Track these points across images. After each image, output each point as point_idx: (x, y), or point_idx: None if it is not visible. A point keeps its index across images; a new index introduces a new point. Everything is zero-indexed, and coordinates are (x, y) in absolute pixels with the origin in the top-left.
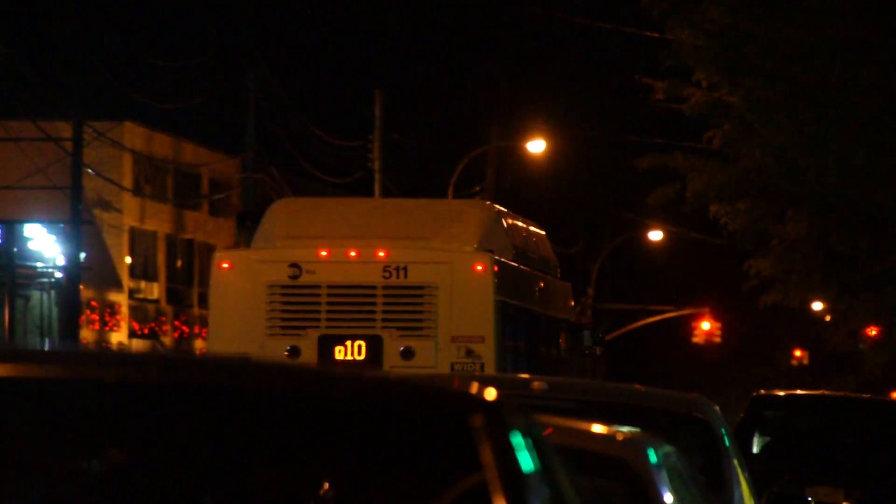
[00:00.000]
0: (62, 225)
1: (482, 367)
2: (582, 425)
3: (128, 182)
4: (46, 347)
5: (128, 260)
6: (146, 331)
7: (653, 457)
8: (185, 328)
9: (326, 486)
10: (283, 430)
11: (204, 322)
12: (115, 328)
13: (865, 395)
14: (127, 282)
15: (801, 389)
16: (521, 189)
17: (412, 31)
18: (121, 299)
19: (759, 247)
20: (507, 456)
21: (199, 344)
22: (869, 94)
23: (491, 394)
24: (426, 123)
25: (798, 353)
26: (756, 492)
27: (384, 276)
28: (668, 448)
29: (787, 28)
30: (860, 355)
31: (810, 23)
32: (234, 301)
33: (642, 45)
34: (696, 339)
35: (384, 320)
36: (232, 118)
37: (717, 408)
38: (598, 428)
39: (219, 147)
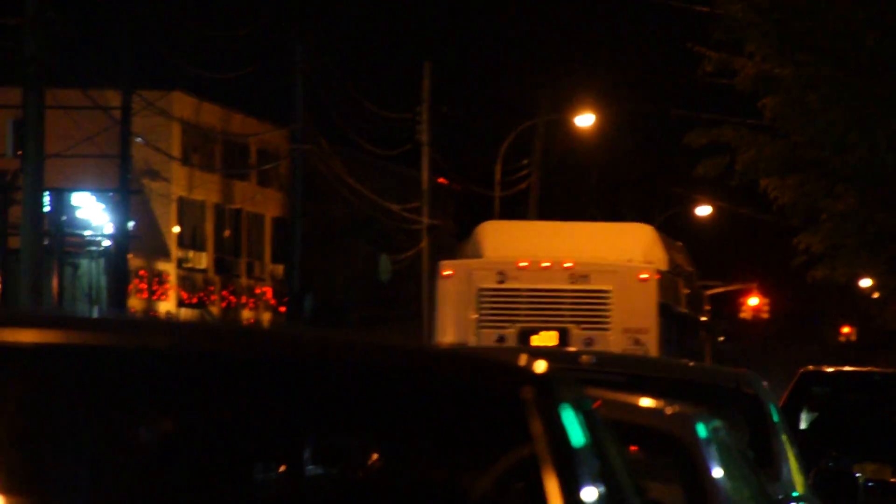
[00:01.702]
0: (111, 193)
1: (646, 352)
2: (630, 399)
3: (176, 151)
4: (95, 315)
5: (176, 229)
6: (194, 300)
7: (702, 431)
8: (232, 298)
9: (376, 457)
10: (335, 401)
11: (251, 292)
12: (162, 297)
13: None
14: (175, 251)
15: (849, 366)
16: (569, 163)
17: (462, 2)
18: (169, 268)
19: (807, 222)
20: (556, 429)
21: (245, 314)
22: None
23: (541, 366)
24: (475, 96)
25: (846, 329)
26: (804, 467)
27: (570, 282)
28: (716, 423)
29: (837, 3)
30: None
31: None
32: (454, 300)
33: (692, 19)
34: (743, 315)
35: (570, 316)
36: (280, 89)
37: (766, 383)
38: (646, 402)
39: (267, 117)
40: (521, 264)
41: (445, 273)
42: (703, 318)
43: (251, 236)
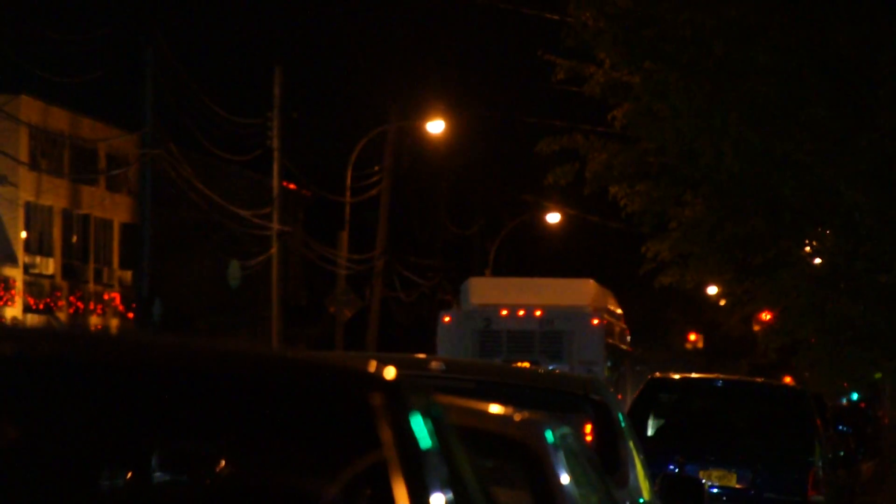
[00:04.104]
0: None
1: (597, 379)
2: (479, 406)
3: (24, 156)
4: None
5: (23, 235)
6: (41, 306)
7: (550, 437)
8: (80, 304)
9: (223, 463)
10: (182, 407)
11: (99, 298)
12: (9, 303)
13: (758, 379)
14: (22, 257)
15: (696, 373)
16: (421, 169)
17: (312, 7)
18: (15, 274)
19: (657, 230)
20: (406, 435)
21: (93, 320)
22: (765, 77)
23: (390, 373)
24: (326, 102)
25: (693, 336)
26: (650, 474)
27: (540, 326)
28: (564, 429)
29: (685, 10)
30: (754, 340)
31: (709, 5)
32: (451, 341)
33: (543, 27)
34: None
35: (539, 351)
36: (130, 93)
37: (613, 389)
38: (495, 408)
39: (116, 122)
40: (503, 312)
41: (445, 319)
42: (627, 349)
43: (100, 242)
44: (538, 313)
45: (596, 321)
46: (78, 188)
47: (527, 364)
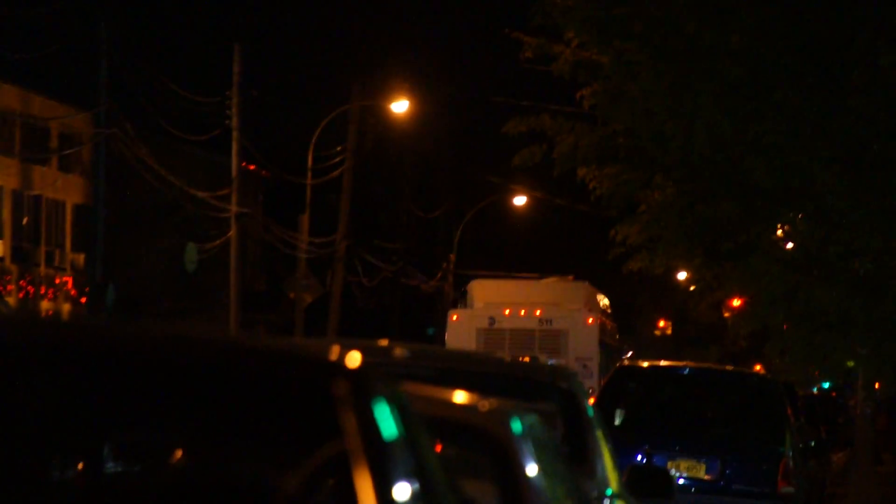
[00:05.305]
0: None
1: (592, 373)
2: (445, 394)
3: None
4: None
5: None
6: None
7: (516, 427)
8: (30, 288)
9: (180, 453)
10: (133, 395)
11: (51, 282)
12: None
13: (728, 367)
14: None
15: (665, 360)
16: (385, 150)
17: None
18: None
19: (625, 213)
20: (369, 424)
21: (45, 305)
22: (737, 59)
23: (354, 360)
24: (287, 81)
25: (662, 323)
26: (618, 464)
27: (539, 325)
28: (531, 418)
29: None
30: (724, 326)
31: None
32: (458, 337)
33: (510, 3)
34: None
35: (539, 348)
36: (84, 70)
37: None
38: (460, 397)
39: (70, 100)
40: (506, 312)
41: (453, 318)
42: (616, 345)
43: (51, 224)
44: (538, 312)
45: (591, 320)
46: (29, 168)
47: (527, 359)
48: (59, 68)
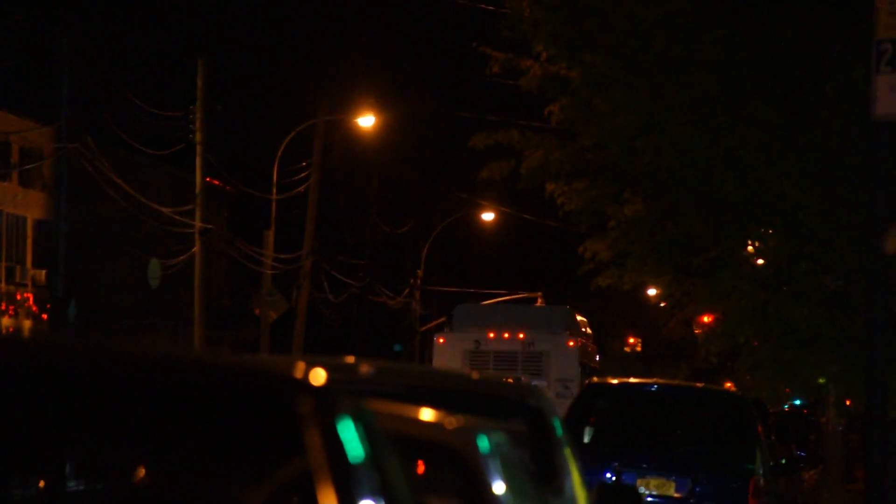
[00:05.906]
0: None
1: (573, 394)
2: (411, 411)
3: None
4: None
5: None
6: None
7: (484, 445)
8: None
9: (143, 471)
10: (98, 412)
11: (12, 298)
12: None
13: (699, 384)
14: None
15: (634, 377)
16: (350, 165)
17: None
18: None
19: (595, 229)
20: (334, 442)
21: (5, 321)
22: (707, 74)
23: (319, 378)
24: (252, 96)
25: (631, 340)
26: (586, 482)
27: (522, 347)
28: (499, 436)
29: (626, 3)
30: (694, 343)
31: None
32: (445, 359)
33: (479, 19)
34: None
35: (522, 369)
36: (45, 84)
37: (549, 395)
38: (427, 414)
39: (30, 114)
40: (490, 335)
41: (440, 341)
42: (596, 367)
43: (12, 239)
44: (521, 336)
45: (571, 343)
46: None
47: (510, 380)
48: (19, 82)
